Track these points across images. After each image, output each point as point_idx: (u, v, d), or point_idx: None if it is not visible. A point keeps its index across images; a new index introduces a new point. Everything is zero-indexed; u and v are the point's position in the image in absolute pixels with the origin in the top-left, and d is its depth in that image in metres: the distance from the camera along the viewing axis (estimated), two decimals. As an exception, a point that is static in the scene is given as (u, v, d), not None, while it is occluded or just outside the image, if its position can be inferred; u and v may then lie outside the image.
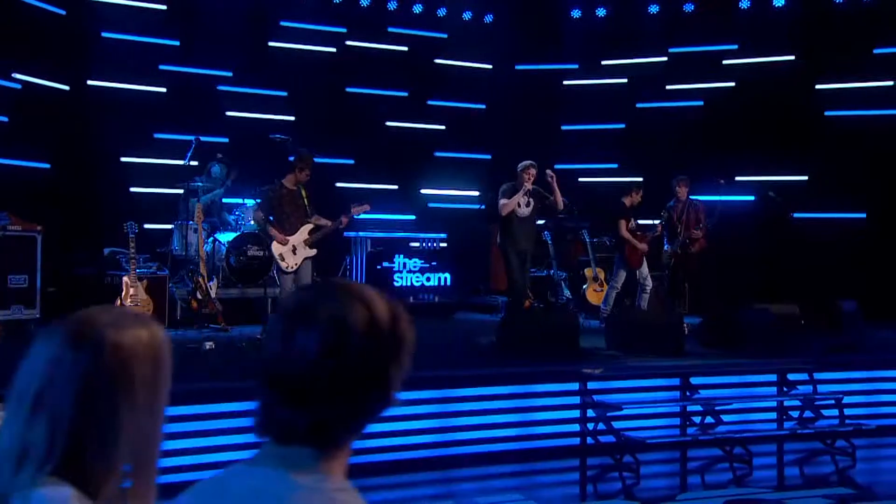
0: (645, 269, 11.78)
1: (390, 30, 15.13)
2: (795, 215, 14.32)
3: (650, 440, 7.52)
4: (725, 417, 8.56)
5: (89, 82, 13.16)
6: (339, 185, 14.66)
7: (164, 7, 13.61)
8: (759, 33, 14.74)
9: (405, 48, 15.27)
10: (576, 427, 8.01)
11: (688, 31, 15.24)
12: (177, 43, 13.76)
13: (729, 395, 8.74)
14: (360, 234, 12.48)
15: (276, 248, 9.52)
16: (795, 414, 8.90)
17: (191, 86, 13.87)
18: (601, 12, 15.55)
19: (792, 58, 14.72)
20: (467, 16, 15.50)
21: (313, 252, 9.66)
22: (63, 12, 12.88)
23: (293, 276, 9.63)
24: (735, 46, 15.01)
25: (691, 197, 12.14)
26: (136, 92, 13.41)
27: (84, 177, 12.89)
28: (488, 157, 15.85)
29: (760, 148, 14.71)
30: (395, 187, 15.19)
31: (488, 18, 15.71)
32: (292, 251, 9.48)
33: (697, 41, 15.23)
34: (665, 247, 12.22)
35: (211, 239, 11.06)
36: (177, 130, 13.42)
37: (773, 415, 8.91)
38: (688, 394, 8.45)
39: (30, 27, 12.42)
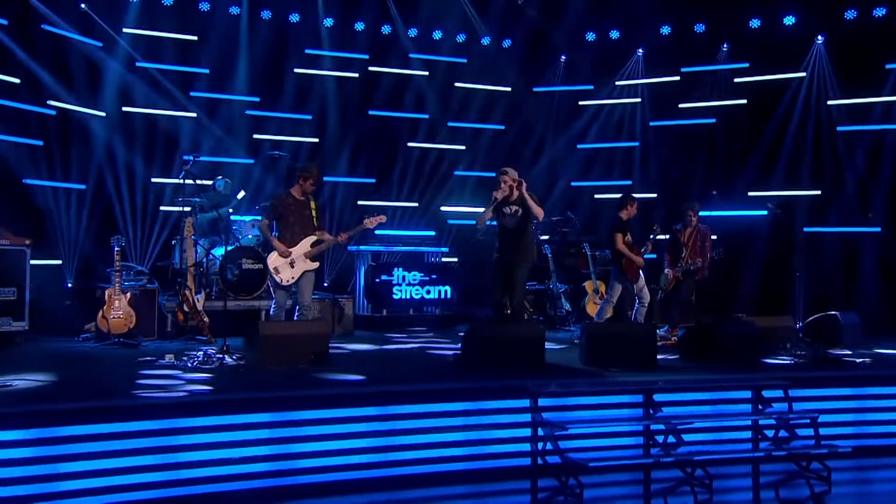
0: (641, 282, 10.69)
1: (412, 56, 14.32)
2: (807, 229, 13.07)
3: (593, 463, 6.44)
4: (695, 437, 7.44)
5: (124, 108, 12.67)
6: (361, 202, 13.92)
7: (196, 38, 13.07)
8: (770, 51, 13.46)
9: (426, 73, 14.44)
10: (527, 447, 6.99)
11: (699, 51, 14.06)
12: (206, 71, 13.20)
13: (698, 413, 7.60)
14: (361, 248, 11.67)
15: (272, 259, 8.76)
16: (771, 434, 7.70)
17: (220, 110, 13.29)
18: (615, 34, 14.47)
19: (803, 74, 13.44)
20: (486, 41, 14.58)
21: (314, 266, 8.87)
22: (100, 44, 12.48)
23: (290, 290, 8.88)
24: (746, 64, 13.76)
25: (701, 224, 11.04)
26: (167, 117, 12.92)
27: (118, 196, 12.47)
28: (508, 175, 14.86)
29: (773, 163, 13.50)
30: (416, 205, 14.38)
31: (506, 43, 14.76)
32: (290, 264, 8.70)
33: (709, 60, 14.05)
34: (665, 270, 11.12)
35: (202, 251, 10.36)
36: (206, 152, 12.97)
37: (747, 434, 7.72)
38: (651, 411, 7.34)
39: (70, 58, 12.09)
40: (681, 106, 14.20)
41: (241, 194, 11.38)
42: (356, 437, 6.54)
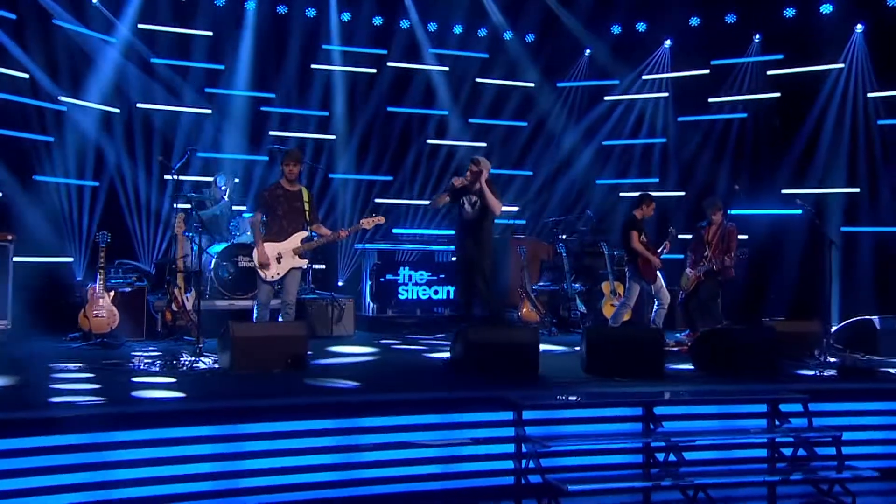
0: (659, 282, 9.68)
1: (431, 51, 13.45)
2: (844, 229, 11.89)
3: (574, 486, 5.50)
4: (701, 455, 6.46)
5: (138, 105, 12.04)
6: (377, 200, 13.11)
7: (211, 33, 12.39)
8: (805, 41, 12.27)
9: (446, 68, 13.57)
10: (509, 464, 6.07)
11: (730, 43, 12.92)
12: (222, 67, 12.51)
13: (705, 429, 6.59)
14: (367, 246, 10.83)
15: (256, 253, 7.99)
16: (788, 453, 6.66)
17: (235, 107, 12.58)
18: (641, 27, 13.41)
19: (841, 66, 12.21)
20: (508, 35, 13.64)
21: (302, 263, 8.08)
22: (115, 40, 11.88)
23: (274, 287, 8.10)
24: (780, 56, 12.59)
25: (727, 223, 9.99)
26: (182, 114, 12.27)
27: (133, 193, 11.86)
28: (530, 173, 13.93)
29: (808, 160, 12.30)
30: (436, 202, 13.49)
31: (530, 38, 13.80)
32: (277, 259, 7.91)
33: (740, 52, 12.90)
34: (686, 270, 10.10)
35: (196, 249, 9.62)
36: (220, 150, 12.32)
37: (761, 453, 6.69)
38: (651, 426, 6.37)
39: (81, 54, 11.51)
40: (710, 100, 13.06)
41: (236, 180, 10.64)
42: (314, 452, 5.68)
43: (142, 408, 5.56)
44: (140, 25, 12.03)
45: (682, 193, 13.05)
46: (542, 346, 9.00)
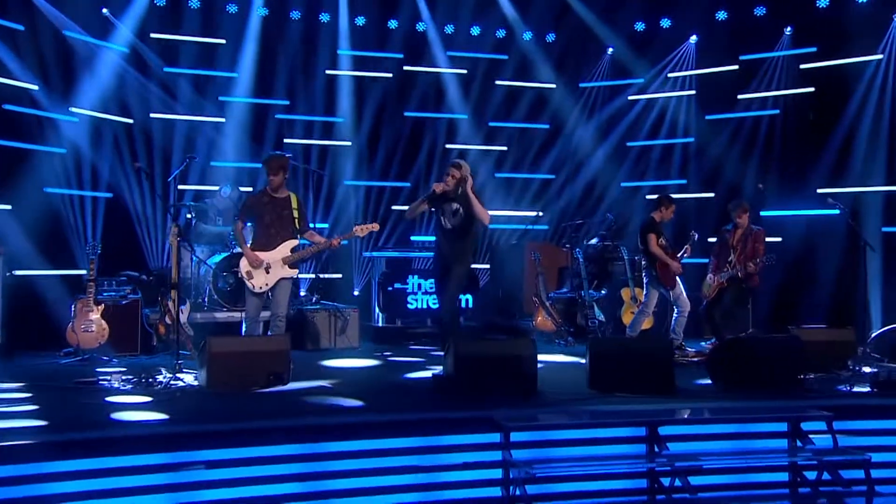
0: (679, 288, 8.92)
1: (449, 53, 12.84)
2: (886, 229, 10.94)
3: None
4: (711, 480, 5.72)
5: (152, 115, 11.65)
6: (395, 207, 12.53)
7: (224, 41, 11.96)
8: (840, 32, 11.34)
9: (464, 71, 12.94)
10: (497, 492, 5.41)
11: (760, 36, 12.06)
12: (236, 74, 12.06)
13: (715, 451, 5.84)
14: (374, 253, 10.21)
15: (244, 263, 7.48)
16: (812, 476, 5.87)
17: (249, 115, 12.12)
18: (665, 23, 12.62)
19: (879, 57, 11.26)
20: (528, 36, 12.96)
21: (292, 273, 7.54)
22: (126, 50, 11.52)
23: (262, 299, 7.57)
24: (813, 49, 11.68)
25: (754, 226, 9.23)
26: (196, 123, 11.85)
27: (144, 202, 11.46)
28: (552, 176, 13.22)
29: (846, 157, 11.37)
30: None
31: (550, 38, 13.10)
32: (265, 269, 7.39)
33: (771, 46, 12.03)
34: (708, 275, 9.34)
35: (195, 260, 9.16)
36: (235, 158, 11.86)
37: (781, 477, 5.91)
38: (656, 448, 5.65)
39: (92, 64, 11.15)
40: (740, 97, 12.20)
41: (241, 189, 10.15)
42: (275, 481, 5.09)
43: (85, 434, 5.00)
44: (153, 35, 11.68)
45: (712, 195, 12.22)
46: (554, 358, 8.35)
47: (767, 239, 9.51)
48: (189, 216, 9.37)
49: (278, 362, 6.60)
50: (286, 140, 12.25)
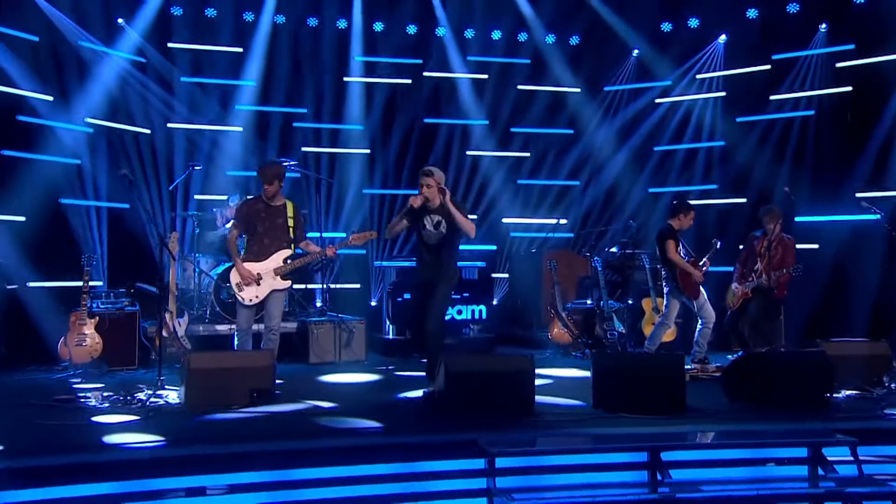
0: (702, 298, 8.28)
1: (469, 58, 12.36)
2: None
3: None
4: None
5: (169, 125, 11.40)
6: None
7: (241, 49, 11.66)
8: (878, 29, 10.57)
9: (485, 76, 12.44)
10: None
11: (793, 34, 11.34)
12: (253, 83, 11.74)
13: (724, 479, 5.22)
14: (384, 263, 9.72)
15: (233, 275, 7.09)
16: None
17: (267, 124, 11.80)
18: (693, 23, 11.96)
19: (922, 53, 10.48)
20: (551, 39, 12.42)
21: (284, 284, 7.12)
22: (144, 60, 11.29)
23: (253, 311, 7.18)
24: (851, 46, 10.92)
25: (784, 234, 8.60)
26: (213, 132, 11.57)
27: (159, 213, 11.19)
28: (577, 182, 12.63)
29: (885, 159, 10.58)
30: (475, 217, 12.34)
31: (574, 40, 12.53)
32: (256, 281, 7.00)
33: (805, 44, 11.30)
34: (732, 285, 8.71)
35: (198, 271, 8.79)
36: (252, 168, 11.52)
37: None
38: (658, 476, 5.07)
39: (108, 74, 10.93)
40: (772, 98, 11.49)
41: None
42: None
43: (38, 461, 4.60)
44: (170, 45, 11.44)
45: (743, 200, 11.52)
46: (567, 372, 7.82)
47: (801, 246, 8.85)
48: (195, 225, 9.01)
49: (262, 379, 6.17)
50: (304, 149, 11.91)
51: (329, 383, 7.69)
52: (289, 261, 7.10)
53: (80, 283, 9.94)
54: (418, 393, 6.62)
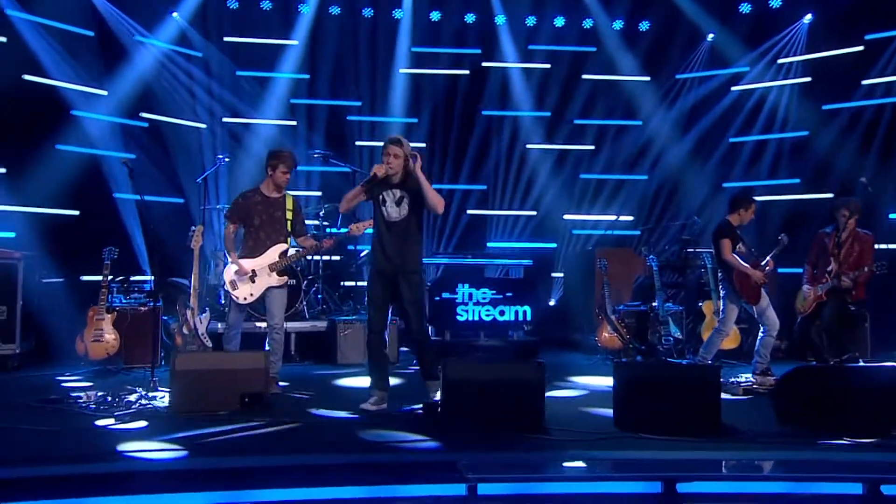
0: (764, 302, 7.26)
1: (530, 47, 11.57)
2: None
3: None
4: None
5: (224, 119, 11.10)
6: (470, 212, 11.40)
7: (296, 42, 11.24)
8: None
9: (548, 65, 11.61)
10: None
11: (888, 12, 10.05)
12: (307, 77, 11.33)
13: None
14: (426, 259, 8.99)
15: (227, 272, 6.60)
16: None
17: (321, 117, 11.35)
18: (776, 2, 10.79)
19: None
20: (618, 25, 11.47)
21: (280, 280, 6.57)
22: (200, 55, 11.04)
23: (244, 311, 6.67)
24: (956, 23, 9.62)
25: (860, 230, 7.52)
26: (267, 126, 11.21)
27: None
28: (644, 177, 11.63)
29: None
30: (534, 213, 11.55)
31: (644, 26, 11.54)
32: (249, 278, 6.49)
33: (902, 22, 10.02)
34: (804, 286, 7.67)
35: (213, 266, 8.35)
36: (306, 162, 11.10)
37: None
38: (672, 513, 4.22)
39: (164, 69, 10.74)
40: (864, 82, 10.23)
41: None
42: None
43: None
44: (226, 39, 11.15)
45: (829, 195, 10.29)
46: (605, 381, 6.97)
47: (891, 246, 7.70)
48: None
49: (254, 382, 5.62)
50: (357, 143, 11.42)
51: (345, 387, 7.05)
52: (285, 255, 6.56)
53: (135, 278, 9.86)
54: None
